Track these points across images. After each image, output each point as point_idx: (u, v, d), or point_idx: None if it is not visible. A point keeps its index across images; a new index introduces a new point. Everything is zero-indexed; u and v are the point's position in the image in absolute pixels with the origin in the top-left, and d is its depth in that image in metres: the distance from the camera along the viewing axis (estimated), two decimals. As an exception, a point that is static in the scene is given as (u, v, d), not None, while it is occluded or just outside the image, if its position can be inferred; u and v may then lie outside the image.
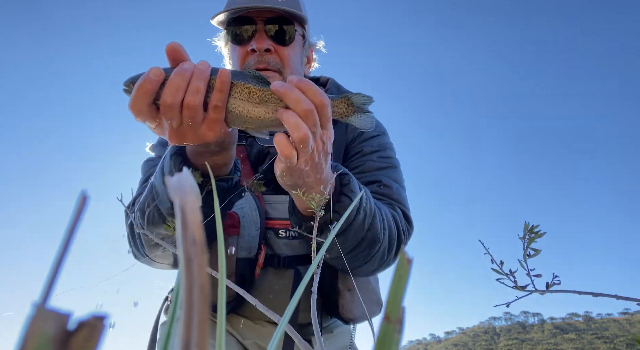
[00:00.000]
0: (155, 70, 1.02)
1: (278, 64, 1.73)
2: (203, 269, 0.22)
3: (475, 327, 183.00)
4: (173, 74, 1.03)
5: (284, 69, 1.74)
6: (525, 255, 0.93)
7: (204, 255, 0.22)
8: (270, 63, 1.72)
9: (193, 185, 0.22)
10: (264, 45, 1.70)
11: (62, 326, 0.20)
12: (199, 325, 0.22)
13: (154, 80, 1.02)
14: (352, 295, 1.64)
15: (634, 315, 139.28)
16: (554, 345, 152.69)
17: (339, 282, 1.62)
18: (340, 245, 1.38)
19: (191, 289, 0.22)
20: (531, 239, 0.92)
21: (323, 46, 2.03)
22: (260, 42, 1.71)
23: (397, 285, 0.23)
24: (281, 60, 1.74)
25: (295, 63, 1.80)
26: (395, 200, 1.68)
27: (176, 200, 0.22)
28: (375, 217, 1.43)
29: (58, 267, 0.21)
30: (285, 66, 1.75)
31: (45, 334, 0.19)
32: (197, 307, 0.22)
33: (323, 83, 2.00)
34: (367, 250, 1.45)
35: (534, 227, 0.92)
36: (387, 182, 1.70)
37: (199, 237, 0.22)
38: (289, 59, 1.76)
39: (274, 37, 1.73)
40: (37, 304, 0.20)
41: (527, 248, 0.92)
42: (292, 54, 1.78)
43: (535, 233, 0.92)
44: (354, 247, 1.41)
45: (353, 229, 1.36)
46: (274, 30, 1.74)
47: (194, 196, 0.22)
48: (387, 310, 0.23)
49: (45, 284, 0.21)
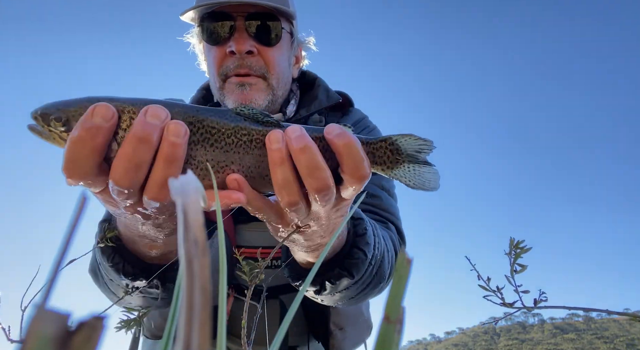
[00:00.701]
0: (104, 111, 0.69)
1: (262, 68, 1.51)
2: (204, 269, 0.22)
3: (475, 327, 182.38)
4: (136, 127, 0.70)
5: (269, 74, 1.52)
6: (512, 271, 0.93)
7: (206, 256, 0.22)
8: (252, 67, 1.50)
9: (195, 187, 0.23)
10: (245, 47, 1.47)
11: (62, 326, 0.20)
12: (200, 326, 0.22)
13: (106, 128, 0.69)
14: (343, 333, 1.57)
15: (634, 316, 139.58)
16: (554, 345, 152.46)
17: (330, 320, 1.53)
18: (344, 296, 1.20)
19: (192, 290, 0.22)
20: (517, 254, 0.93)
21: (314, 43, 1.79)
22: (241, 43, 1.47)
23: (397, 285, 0.24)
24: (266, 64, 1.52)
25: (282, 66, 1.57)
26: (385, 210, 1.52)
27: (178, 201, 0.23)
28: (384, 259, 1.26)
29: (58, 268, 0.21)
30: (271, 70, 1.52)
31: (45, 334, 0.19)
32: (198, 307, 0.22)
33: (310, 82, 1.79)
34: (371, 292, 1.29)
35: (519, 243, 0.93)
36: (374, 191, 1.54)
37: (201, 238, 0.23)
38: (274, 62, 1.53)
39: (256, 36, 1.50)
40: (37, 304, 0.20)
41: (514, 264, 0.93)
42: (278, 55, 1.55)
43: (520, 248, 0.93)
44: (357, 294, 1.23)
45: (361, 281, 1.19)
46: (257, 28, 1.50)
47: (195, 197, 0.23)
48: (387, 310, 0.23)
49: (46, 284, 0.21)
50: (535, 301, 0.85)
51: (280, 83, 1.57)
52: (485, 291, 0.96)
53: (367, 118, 1.80)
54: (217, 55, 1.51)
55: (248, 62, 1.48)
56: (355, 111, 1.81)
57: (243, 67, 1.48)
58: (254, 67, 1.49)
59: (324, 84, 1.76)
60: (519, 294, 0.91)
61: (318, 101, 1.67)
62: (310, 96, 1.71)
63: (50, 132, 0.74)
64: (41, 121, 0.74)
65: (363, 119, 1.78)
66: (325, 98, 1.69)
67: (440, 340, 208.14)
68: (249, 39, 1.48)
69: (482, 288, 0.97)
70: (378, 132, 1.77)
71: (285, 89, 1.62)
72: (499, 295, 0.95)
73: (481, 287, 0.97)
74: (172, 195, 0.23)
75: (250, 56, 1.49)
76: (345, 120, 1.73)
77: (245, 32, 1.48)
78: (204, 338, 0.22)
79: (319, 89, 1.72)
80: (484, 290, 0.90)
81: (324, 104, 1.67)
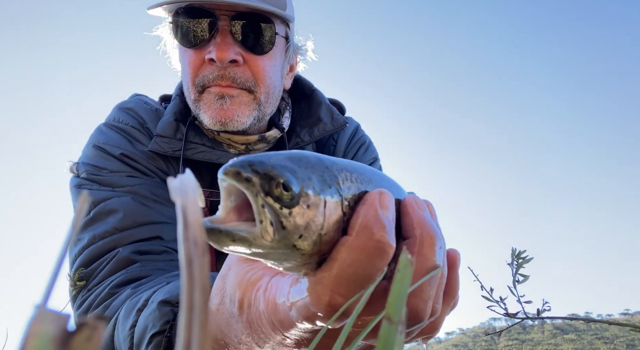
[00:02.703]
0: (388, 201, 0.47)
1: (249, 80, 1.26)
2: (204, 269, 0.22)
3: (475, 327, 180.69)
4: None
5: (257, 87, 1.27)
6: (514, 281, 0.93)
7: (205, 256, 0.22)
8: (236, 79, 1.24)
9: (195, 187, 0.23)
10: (228, 55, 1.21)
11: (62, 327, 0.20)
12: (201, 326, 0.22)
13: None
14: None
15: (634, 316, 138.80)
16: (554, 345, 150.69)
17: None
18: None
19: (192, 290, 0.22)
20: (519, 265, 0.93)
21: (313, 50, 1.50)
22: (224, 49, 1.21)
23: (400, 286, 0.24)
24: (253, 76, 1.26)
25: (274, 79, 1.32)
26: None
27: (178, 201, 0.23)
28: None
29: (59, 268, 0.21)
30: (259, 83, 1.27)
31: (46, 335, 0.19)
32: (198, 308, 0.22)
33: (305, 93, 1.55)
34: None
35: (521, 253, 0.93)
36: None
37: (200, 238, 0.23)
38: (264, 74, 1.27)
39: (243, 41, 1.23)
40: (38, 305, 0.20)
41: (516, 274, 0.93)
42: (269, 65, 1.29)
43: (522, 259, 0.93)
44: None
45: None
46: (245, 31, 1.23)
47: (195, 197, 0.23)
48: (389, 311, 0.23)
49: (47, 284, 0.21)
50: (539, 311, 0.84)
51: (270, 98, 1.34)
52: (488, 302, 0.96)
53: (359, 130, 1.63)
54: (194, 61, 1.26)
55: (231, 72, 1.23)
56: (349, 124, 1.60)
57: (225, 79, 1.24)
58: (238, 79, 1.24)
59: (325, 101, 1.51)
60: (521, 304, 0.91)
61: (322, 124, 1.45)
62: (310, 114, 1.49)
63: (268, 207, 0.42)
64: (258, 186, 0.41)
65: (356, 134, 1.61)
66: (330, 121, 1.45)
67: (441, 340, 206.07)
68: (233, 45, 1.22)
69: (486, 299, 0.96)
70: (372, 147, 1.62)
71: (275, 105, 1.39)
72: (502, 305, 0.94)
73: (484, 298, 0.97)
74: (171, 195, 0.23)
75: (234, 65, 1.24)
76: (340, 135, 1.56)
77: (229, 36, 1.22)
78: (204, 338, 0.22)
79: (321, 109, 1.48)
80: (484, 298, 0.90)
81: (329, 128, 1.45)
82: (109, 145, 1.29)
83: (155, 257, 1.15)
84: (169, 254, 1.17)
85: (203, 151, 1.31)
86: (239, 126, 1.27)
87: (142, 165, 1.28)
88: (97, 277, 1.13)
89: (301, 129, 1.45)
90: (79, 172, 1.28)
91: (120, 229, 1.16)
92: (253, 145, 1.40)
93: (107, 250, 1.15)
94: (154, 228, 1.18)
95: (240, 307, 0.58)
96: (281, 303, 0.51)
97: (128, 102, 1.45)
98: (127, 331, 0.94)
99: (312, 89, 1.54)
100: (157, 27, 1.37)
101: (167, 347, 0.87)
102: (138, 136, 1.33)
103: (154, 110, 1.42)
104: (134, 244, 1.15)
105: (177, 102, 1.41)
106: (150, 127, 1.36)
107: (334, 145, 1.54)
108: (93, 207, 1.20)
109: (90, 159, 1.28)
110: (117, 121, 1.36)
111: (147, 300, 0.95)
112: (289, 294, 0.50)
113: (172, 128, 1.32)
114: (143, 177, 1.27)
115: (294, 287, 0.50)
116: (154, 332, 0.88)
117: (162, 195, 1.26)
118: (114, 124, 1.36)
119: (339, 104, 1.62)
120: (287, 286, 0.51)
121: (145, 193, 1.23)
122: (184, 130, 1.32)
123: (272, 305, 0.52)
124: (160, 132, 1.31)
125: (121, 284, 1.10)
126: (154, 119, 1.38)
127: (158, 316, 0.89)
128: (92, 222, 1.19)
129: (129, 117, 1.37)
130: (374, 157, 1.60)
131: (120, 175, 1.24)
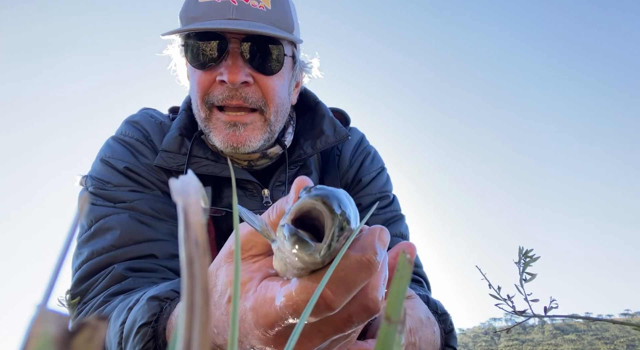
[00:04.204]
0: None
1: (259, 100, 1.29)
2: (205, 270, 0.22)
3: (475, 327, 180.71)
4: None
5: (267, 107, 1.30)
6: (521, 280, 0.93)
7: (206, 256, 0.23)
8: (247, 99, 1.27)
9: (196, 187, 0.23)
10: (239, 77, 1.24)
11: (63, 327, 0.20)
12: (201, 327, 0.22)
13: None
14: None
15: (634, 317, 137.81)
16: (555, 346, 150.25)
17: None
18: None
19: (193, 290, 0.22)
20: (526, 263, 0.92)
21: (319, 68, 1.53)
22: (235, 72, 1.23)
23: (399, 285, 0.24)
24: (263, 95, 1.29)
25: (282, 97, 1.35)
26: (415, 265, 1.42)
27: (179, 202, 0.23)
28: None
29: (59, 268, 0.21)
30: (269, 103, 1.30)
31: (47, 335, 0.19)
32: (199, 308, 0.22)
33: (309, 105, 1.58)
34: None
35: (528, 252, 0.93)
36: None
37: (201, 238, 0.23)
38: (274, 93, 1.30)
39: (253, 62, 1.26)
40: (39, 305, 0.20)
41: (523, 273, 0.93)
42: (278, 85, 1.32)
43: (529, 257, 0.93)
44: None
45: None
46: (255, 53, 1.26)
47: (196, 198, 0.23)
48: (388, 310, 0.23)
49: (47, 285, 0.21)
50: (546, 309, 0.84)
51: (279, 116, 1.37)
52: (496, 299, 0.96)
53: (364, 140, 1.65)
54: (203, 81, 1.29)
55: (242, 92, 1.26)
56: (352, 133, 1.64)
57: (236, 98, 1.26)
58: (249, 99, 1.28)
59: (328, 114, 1.53)
60: (528, 302, 0.91)
61: (325, 137, 1.47)
62: (313, 126, 1.52)
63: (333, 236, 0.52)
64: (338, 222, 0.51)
65: (360, 144, 1.62)
66: (332, 133, 1.47)
67: None
68: (244, 67, 1.26)
69: (493, 297, 0.96)
70: (378, 157, 1.63)
71: (283, 122, 1.42)
72: (509, 303, 0.94)
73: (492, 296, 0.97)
74: (172, 195, 0.23)
75: (245, 86, 1.27)
76: (344, 146, 1.58)
77: (240, 58, 1.25)
78: (204, 338, 0.22)
79: (324, 121, 1.50)
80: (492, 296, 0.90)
81: (331, 140, 1.47)
82: (114, 159, 1.35)
83: (148, 274, 1.19)
84: (162, 272, 1.21)
85: (206, 165, 1.35)
86: (249, 150, 1.32)
87: (144, 179, 1.33)
88: (93, 291, 1.18)
89: (304, 141, 1.48)
90: (87, 185, 1.34)
91: (116, 247, 1.21)
92: (255, 162, 1.44)
93: (103, 266, 1.19)
94: (148, 246, 1.22)
95: (229, 301, 0.62)
96: (269, 299, 0.56)
97: (135, 115, 1.51)
98: (118, 327, 0.97)
99: (317, 101, 1.57)
100: (167, 48, 1.42)
101: (153, 338, 0.90)
102: (142, 149, 1.39)
103: (159, 123, 1.48)
104: (128, 261, 1.19)
105: (182, 117, 1.45)
106: (154, 140, 1.42)
107: (339, 155, 1.57)
108: (94, 223, 1.25)
109: (97, 173, 1.35)
110: (124, 134, 1.42)
111: (137, 300, 0.99)
112: (278, 292, 0.55)
113: (177, 143, 1.36)
114: (145, 190, 1.32)
115: (284, 287, 0.55)
116: (141, 323, 0.91)
117: (162, 210, 1.30)
118: (120, 137, 1.42)
119: (344, 114, 1.64)
120: (278, 286, 0.56)
121: (144, 209, 1.27)
122: (188, 145, 1.37)
123: (260, 301, 0.57)
124: (165, 147, 1.36)
125: (115, 293, 1.14)
126: (158, 131, 1.44)
127: (146, 309, 0.93)
128: (92, 237, 1.24)
129: (135, 130, 1.43)
130: (381, 166, 1.61)
131: (122, 190, 1.30)
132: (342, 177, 1.53)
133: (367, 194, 1.51)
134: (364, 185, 1.53)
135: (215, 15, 1.24)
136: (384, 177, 1.60)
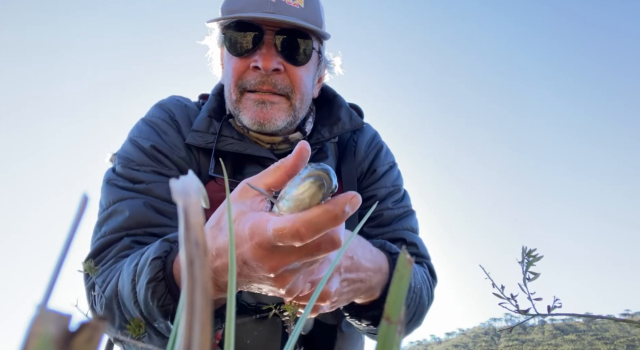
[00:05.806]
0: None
1: (287, 87, 1.43)
2: (205, 270, 0.22)
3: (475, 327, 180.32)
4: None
5: (293, 94, 1.44)
6: (524, 279, 0.92)
7: (207, 256, 0.23)
8: (277, 85, 1.41)
9: (196, 187, 0.23)
10: (272, 64, 1.38)
11: (63, 327, 0.20)
12: (201, 327, 0.22)
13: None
14: None
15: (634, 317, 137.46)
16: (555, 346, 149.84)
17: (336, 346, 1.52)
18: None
19: (193, 290, 0.22)
20: (529, 262, 0.92)
21: (340, 65, 1.68)
22: (268, 60, 1.38)
23: (398, 285, 0.24)
24: (291, 83, 1.43)
25: (308, 87, 1.49)
26: (422, 256, 1.56)
27: (179, 202, 0.23)
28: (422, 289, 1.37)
29: (59, 268, 0.21)
30: (296, 90, 1.44)
31: (47, 335, 0.19)
32: (199, 308, 0.22)
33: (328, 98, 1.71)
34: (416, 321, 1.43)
35: (532, 251, 0.92)
36: (411, 238, 1.56)
37: (202, 239, 0.23)
38: (301, 82, 1.45)
39: (284, 53, 1.41)
40: (39, 305, 0.20)
41: (526, 272, 0.92)
42: (305, 75, 1.47)
43: (533, 257, 0.92)
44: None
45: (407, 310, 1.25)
46: (286, 44, 1.42)
47: (196, 198, 0.23)
48: (388, 310, 0.23)
49: (47, 285, 0.21)
50: (549, 308, 0.84)
51: (303, 104, 1.50)
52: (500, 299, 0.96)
53: (377, 135, 1.77)
54: (239, 67, 1.43)
55: (273, 79, 1.40)
56: (367, 128, 1.76)
57: (267, 84, 1.40)
58: (278, 86, 1.41)
59: (345, 104, 1.69)
60: (532, 301, 0.90)
61: (341, 123, 1.62)
62: (330, 115, 1.65)
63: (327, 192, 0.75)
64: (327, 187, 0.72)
65: (375, 137, 1.75)
66: (349, 120, 1.63)
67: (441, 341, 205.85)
68: (276, 56, 1.40)
69: (497, 296, 0.96)
70: (390, 152, 1.75)
71: (306, 110, 1.55)
72: (513, 302, 0.94)
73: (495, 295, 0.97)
74: (173, 195, 0.23)
75: (275, 73, 1.41)
76: (360, 138, 1.70)
77: (273, 48, 1.40)
78: (205, 339, 0.22)
79: (341, 110, 1.65)
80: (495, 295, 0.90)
81: (347, 127, 1.62)
82: (141, 138, 1.47)
83: None
84: None
85: (232, 143, 1.48)
86: (274, 128, 1.44)
87: (166, 158, 1.45)
88: (105, 260, 1.29)
89: (322, 128, 1.61)
90: (115, 162, 1.47)
91: (125, 228, 1.32)
92: (277, 145, 1.55)
93: (114, 241, 1.31)
94: (156, 231, 1.33)
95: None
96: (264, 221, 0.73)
97: (164, 99, 1.64)
98: (132, 268, 1.09)
99: (335, 94, 1.72)
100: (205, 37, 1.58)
101: (162, 269, 1.02)
102: (166, 129, 1.51)
103: (184, 106, 1.60)
104: (134, 236, 1.31)
105: (212, 101, 1.60)
106: (179, 120, 1.54)
107: (355, 146, 1.69)
108: (112, 204, 1.37)
109: (124, 151, 1.47)
110: (151, 116, 1.55)
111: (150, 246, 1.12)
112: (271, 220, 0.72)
113: (205, 123, 1.50)
114: (164, 171, 1.43)
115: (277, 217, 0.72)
116: (153, 257, 1.03)
117: None
118: (148, 118, 1.55)
119: (358, 108, 1.78)
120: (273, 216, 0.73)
121: (159, 193, 1.38)
122: (216, 125, 1.50)
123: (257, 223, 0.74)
124: (195, 127, 1.50)
125: (127, 254, 1.26)
126: (182, 113, 1.57)
127: (158, 247, 1.06)
128: (109, 217, 1.36)
129: (161, 111, 1.56)
130: (392, 161, 1.73)
131: (144, 170, 1.41)
132: (358, 165, 1.66)
133: (381, 186, 1.63)
134: (379, 177, 1.64)
135: (254, 9, 1.39)
136: (396, 171, 1.72)
